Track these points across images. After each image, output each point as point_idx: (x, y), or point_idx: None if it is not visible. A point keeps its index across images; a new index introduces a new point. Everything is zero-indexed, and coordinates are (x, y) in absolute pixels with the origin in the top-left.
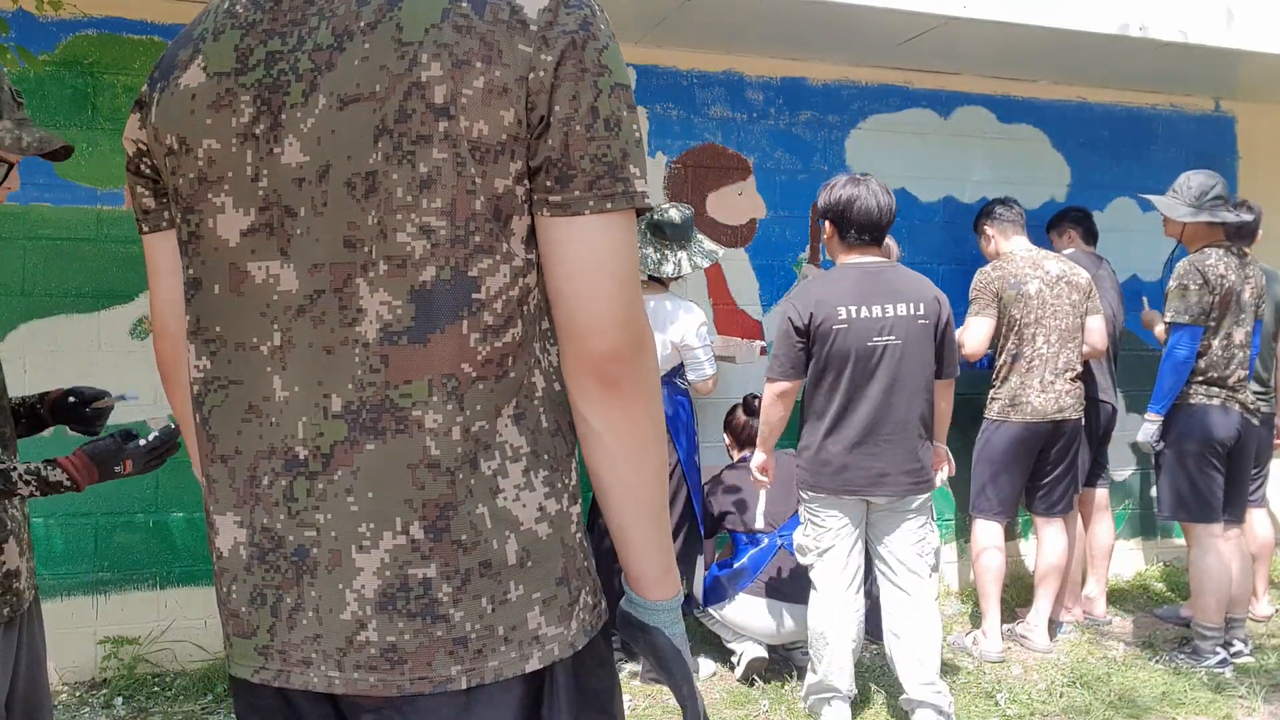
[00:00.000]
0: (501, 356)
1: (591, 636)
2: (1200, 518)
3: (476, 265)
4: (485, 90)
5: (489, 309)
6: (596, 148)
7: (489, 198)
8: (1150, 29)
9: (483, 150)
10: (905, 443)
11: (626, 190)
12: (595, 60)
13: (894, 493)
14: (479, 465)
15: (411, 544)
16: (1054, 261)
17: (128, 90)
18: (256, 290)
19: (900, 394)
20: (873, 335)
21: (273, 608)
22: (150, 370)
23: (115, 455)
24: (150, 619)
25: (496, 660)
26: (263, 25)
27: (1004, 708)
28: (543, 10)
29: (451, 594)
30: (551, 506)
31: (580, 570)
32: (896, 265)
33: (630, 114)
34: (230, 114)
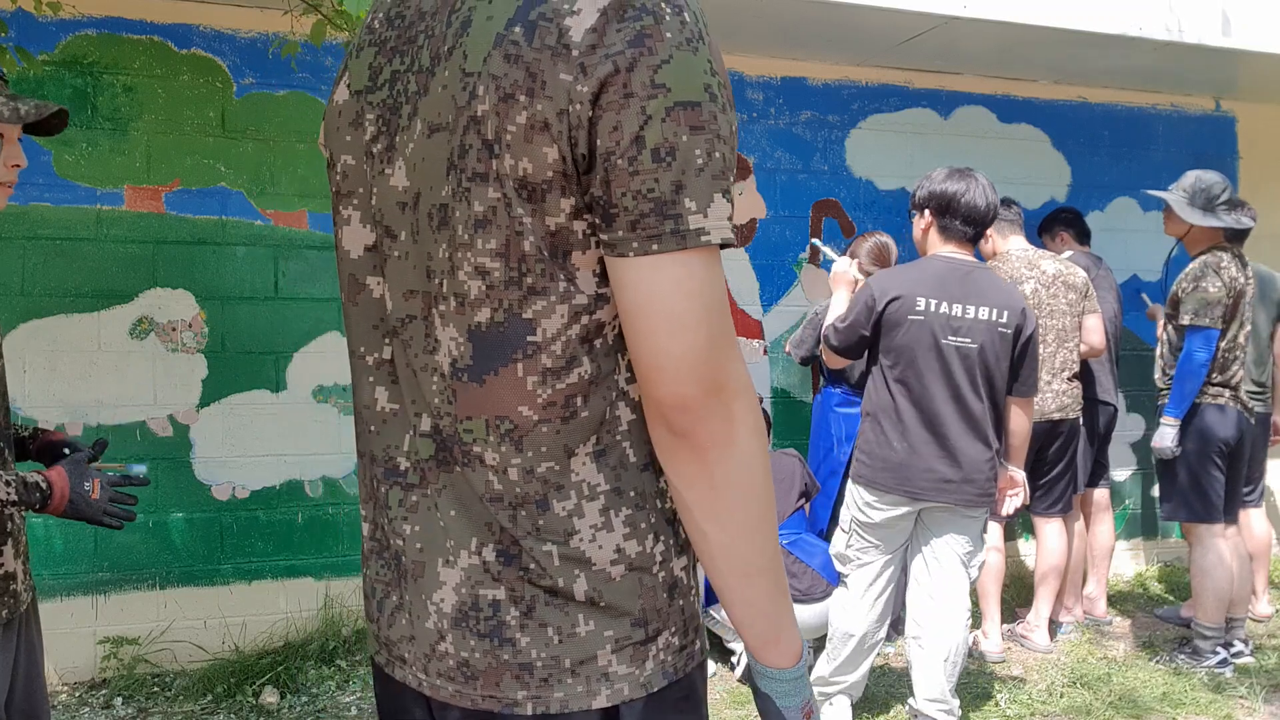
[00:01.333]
0: (567, 398)
1: (674, 679)
2: (1203, 518)
3: (531, 308)
4: (528, 126)
5: (546, 351)
6: (640, 183)
7: (542, 236)
8: (1150, 29)
9: (530, 188)
10: (973, 450)
11: (677, 229)
12: (647, 81)
13: (954, 501)
14: (550, 506)
15: (484, 565)
16: (1050, 261)
17: (127, 90)
18: (371, 304)
19: (970, 401)
20: (947, 334)
21: (379, 603)
22: (149, 371)
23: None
24: (150, 619)
25: (562, 692)
26: (390, 43)
27: (1004, 708)
28: (588, 31)
29: (518, 619)
30: (632, 548)
31: (663, 611)
32: (987, 268)
33: (693, 137)
34: (361, 132)
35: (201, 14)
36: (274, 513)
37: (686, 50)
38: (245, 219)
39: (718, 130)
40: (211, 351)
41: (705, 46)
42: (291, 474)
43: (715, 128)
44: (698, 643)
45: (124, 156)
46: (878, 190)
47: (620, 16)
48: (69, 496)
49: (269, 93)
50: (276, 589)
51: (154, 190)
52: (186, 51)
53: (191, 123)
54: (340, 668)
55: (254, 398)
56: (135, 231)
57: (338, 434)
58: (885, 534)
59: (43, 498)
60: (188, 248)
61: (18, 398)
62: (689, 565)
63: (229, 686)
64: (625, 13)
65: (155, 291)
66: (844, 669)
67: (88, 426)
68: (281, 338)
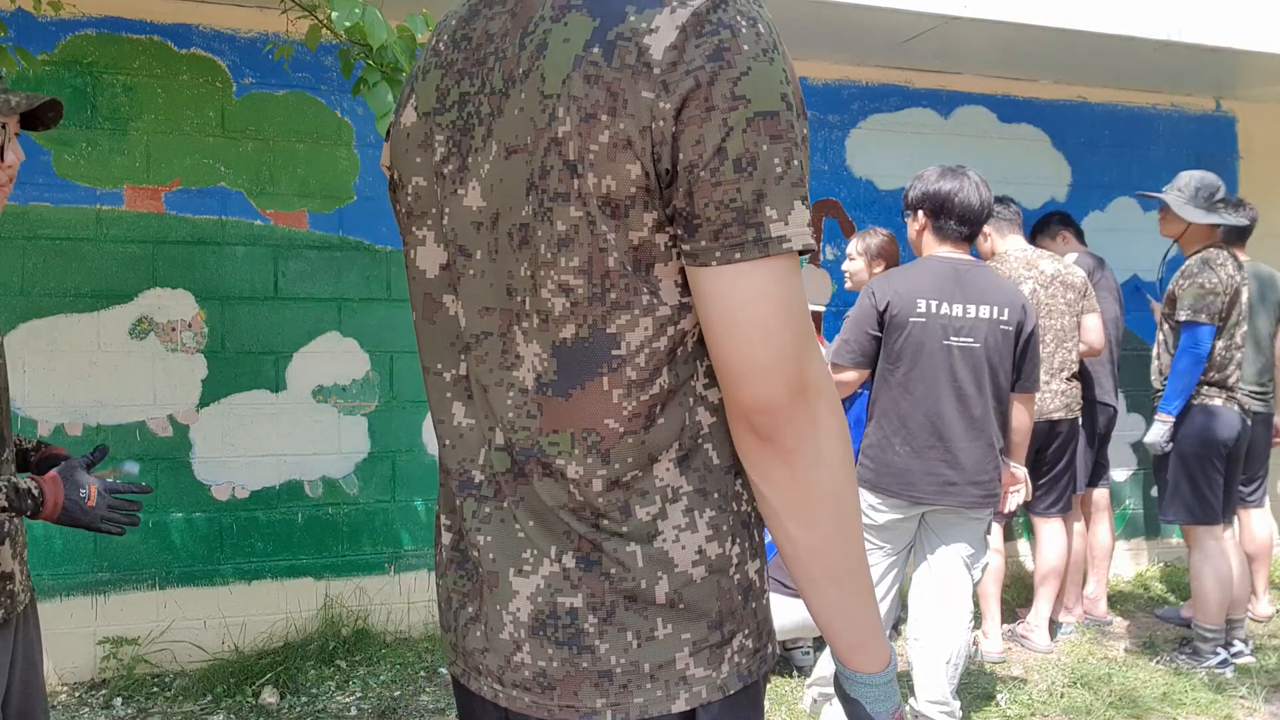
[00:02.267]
0: (649, 409)
1: (748, 681)
2: (1203, 519)
3: (615, 322)
4: (610, 144)
5: (631, 364)
6: (723, 193)
7: (625, 250)
8: (1150, 29)
9: (613, 205)
10: (977, 452)
11: (759, 237)
12: (727, 94)
13: (960, 503)
14: (633, 512)
15: (564, 573)
16: (1049, 261)
17: (127, 90)
18: (448, 322)
19: (974, 400)
20: (949, 334)
21: (456, 613)
22: (148, 371)
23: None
24: (150, 619)
25: (642, 697)
26: (458, 65)
27: (1004, 708)
28: (669, 48)
29: (597, 625)
30: (713, 550)
31: (738, 613)
32: (985, 266)
33: (773, 146)
34: (430, 153)
35: (201, 14)
36: (274, 513)
37: (763, 60)
38: (245, 219)
39: (794, 138)
40: (211, 351)
41: (780, 56)
42: (291, 474)
43: (792, 135)
44: (770, 646)
45: (124, 156)
46: (878, 190)
47: (699, 32)
48: (62, 503)
49: (269, 93)
50: (276, 589)
51: (154, 190)
52: (186, 51)
53: (191, 122)
54: (340, 668)
55: (254, 398)
56: (135, 231)
57: (337, 434)
58: (889, 535)
59: (34, 504)
60: (187, 247)
61: (17, 398)
62: (761, 569)
63: (229, 687)
64: (703, 28)
65: (155, 291)
66: None
67: (87, 426)
68: (281, 338)
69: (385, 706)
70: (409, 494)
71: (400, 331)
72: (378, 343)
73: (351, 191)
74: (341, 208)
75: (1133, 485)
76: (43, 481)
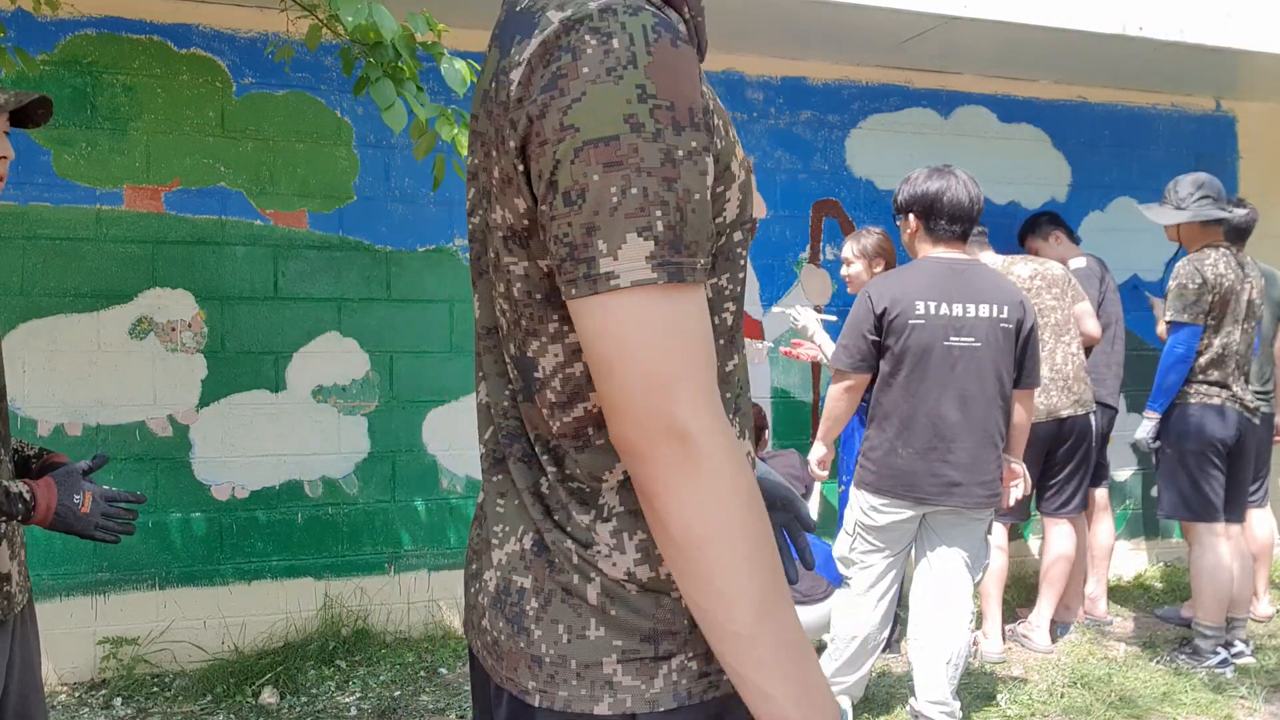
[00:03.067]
0: (580, 429)
1: (687, 702)
2: (1202, 517)
3: (530, 347)
4: (501, 180)
5: (549, 387)
6: (557, 228)
7: (537, 280)
8: (1150, 29)
9: (517, 236)
10: (980, 452)
11: (589, 274)
12: (557, 124)
13: (964, 503)
14: (572, 515)
15: (521, 552)
16: (1023, 264)
17: (127, 90)
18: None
19: (977, 400)
20: (950, 335)
21: (468, 565)
22: (148, 371)
23: (75, 482)
24: (150, 619)
25: (566, 692)
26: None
27: (1005, 708)
28: (518, 84)
29: (535, 610)
30: (643, 573)
31: (680, 634)
32: (981, 264)
33: (606, 175)
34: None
35: (201, 14)
36: (273, 513)
37: (606, 81)
38: (245, 219)
39: (638, 163)
40: (211, 351)
41: (637, 70)
42: (291, 474)
43: (635, 160)
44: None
45: (123, 156)
46: (878, 190)
47: (545, 62)
48: (55, 509)
49: (268, 93)
50: (276, 589)
51: (153, 190)
52: (186, 51)
53: (191, 122)
54: (340, 668)
55: (253, 398)
56: (135, 231)
57: (337, 434)
58: (890, 537)
59: (25, 509)
60: (187, 247)
61: (17, 398)
62: None
63: (228, 687)
64: (549, 56)
65: (155, 291)
66: (845, 670)
67: (87, 427)
68: (281, 338)
69: (385, 706)
70: (409, 494)
71: (400, 331)
72: (378, 343)
73: (351, 191)
74: (341, 208)
75: (1133, 485)
76: (35, 486)
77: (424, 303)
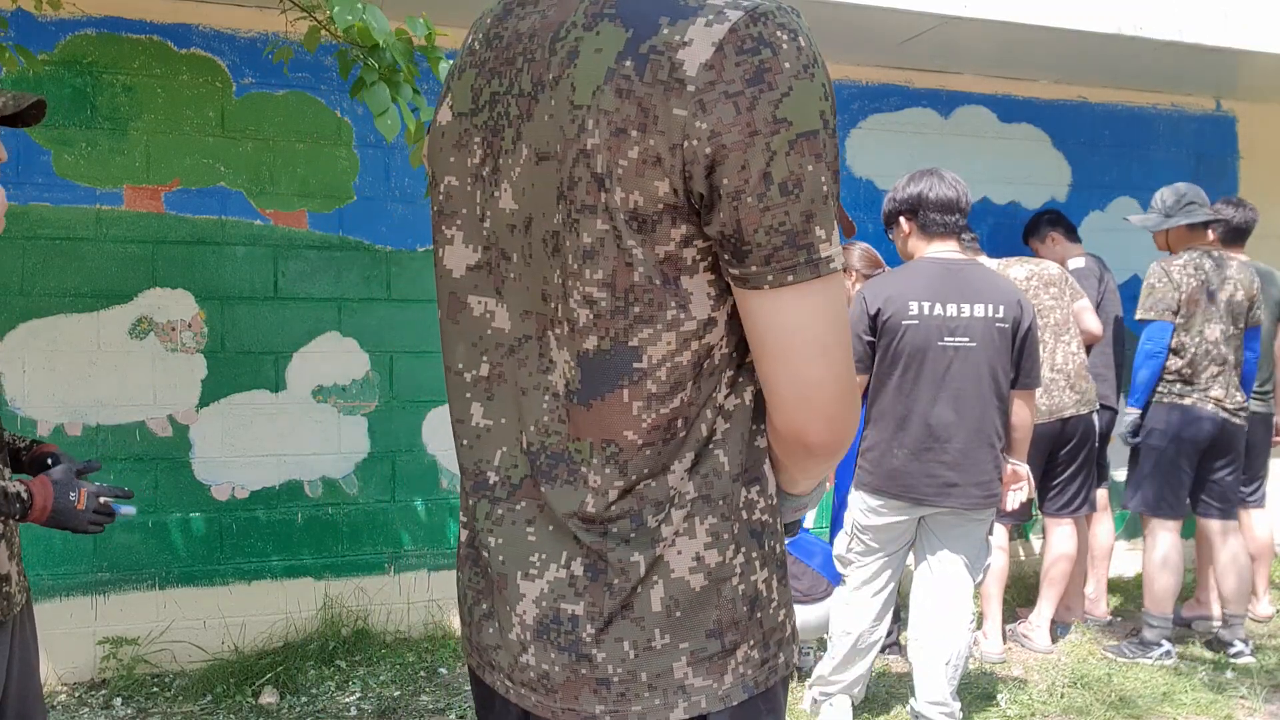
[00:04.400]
0: (669, 421)
1: (754, 692)
2: (1163, 514)
3: (637, 335)
4: (640, 160)
5: (652, 377)
6: (772, 218)
7: (653, 264)
8: (1150, 29)
9: (640, 220)
10: (977, 453)
11: (810, 259)
12: (769, 117)
13: (962, 504)
14: (644, 520)
15: (570, 579)
16: (1018, 266)
17: (127, 90)
18: (472, 322)
19: (972, 400)
20: (944, 335)
21: (470, 609)
22: (148, 371)
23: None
24: (150, 619)
25: (640, 706)
26: (489, 64)
27: (1005, 708)
28: (704, 66)
29: (594, 634)
30: (711, 557)
31: (742, 623)
32: (979, 264)
33: (817, 165)
34: (466, 154)
35: (201, 14)
36: (273, 513)
37: (804, 78)
38: (245, 219)
39: (830, 156)
40: (211, 351)
41: (820, 69)
42: (291, 474)
43: (829, 153)
44: (781, 656)
45: (123, 156)
46: (878, 190)
47: (739, 50)
48: (51, 507)
49: (268, 93)
50: (276, 589)
51: (153, 190)
52: (186, 51)
53: (191, 122)
54: (340, 668)
55: (253, 398)
56: (134, 231)
57: (337, 434)
58: (887, 538)
59: (23, 508)
60: (187, 247)
61: (17, 398)
62: (771, 579)
63: (229, 687)
64: (743, 45)
65: (155, 291)
66: (842, 667)
67: (87, 426)
68: (281, 338)
69: (385, 706)
70: (409, 494)
71: (400, 331)
72: (378, 343)
73: (351, 191)
74: (341, 208)
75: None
76: (32, 484)
77: (424, 303)
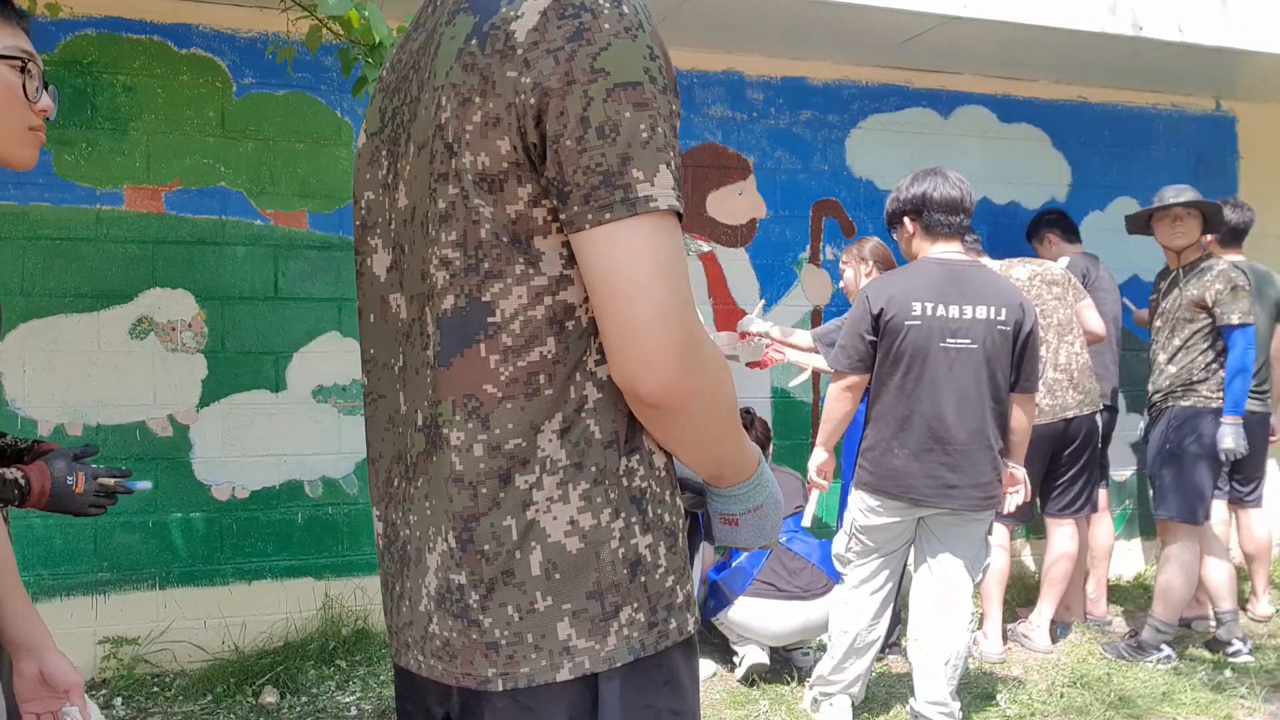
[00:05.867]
0: (529, 375)
1: (642, 654)
2: (1197, 519)
3: (489, 290)
4: (483, 123)
5: (506, 330)
6: (589, 159)
7: (503, 224)
8: (1150, 29)
9: (489, 180)
10: (977, 454)
11: (628, 197)
12: (587, 67)
13: (961, 506)
14: (512, 479)
15: (449, 550)
16: (1020, 266)
17: (127, 90)
18: (394, 318)
19: (973, 402)
20: (946, 336)
21: (390, 593)
22: (148, 371)
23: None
24: (150, 619)
25: (528, 667)
26: (391, 85)
27: (1004, 708)
28: (530, 31)
29: (480, 601)
30: (586, 521)
31: (623, 586)
32: (982, 266)
33: (637, 113)
34: (377, 169)
35: (201, 14)
36: (274, 513)
37: (625, 38)
38: (245, 219)
39: (659, 109)
40: (211, 351)
41: (646, 34)
42: (291, 474)
43: (656, 106)
44: (673, 622)
45: (124, 156)
46: (877, 190)
47: (560, 14)
48: (49, 490)
49: (269, 93)
50: (276, 589)
51: (154, 190)
52: (186, 51)
53: (191, 123)
54: (340, 668)
55: (254, 398)
56: (135, 231)
57: (337, 434)
58: (885, 537)
59: (21, 494)
60: (187, 248)
61: (18, 398)
62: (658, 545)
63: (229, 686)
64: (565, 10)
65: (155, 291)
66: (841, 666)
67: (87, 426)
68: (281, 338)
69: (385, 706)
70: None
71: None
72: None
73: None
74: (341, 208)
75: (1132, 485)
76: (28, 469)
77: None
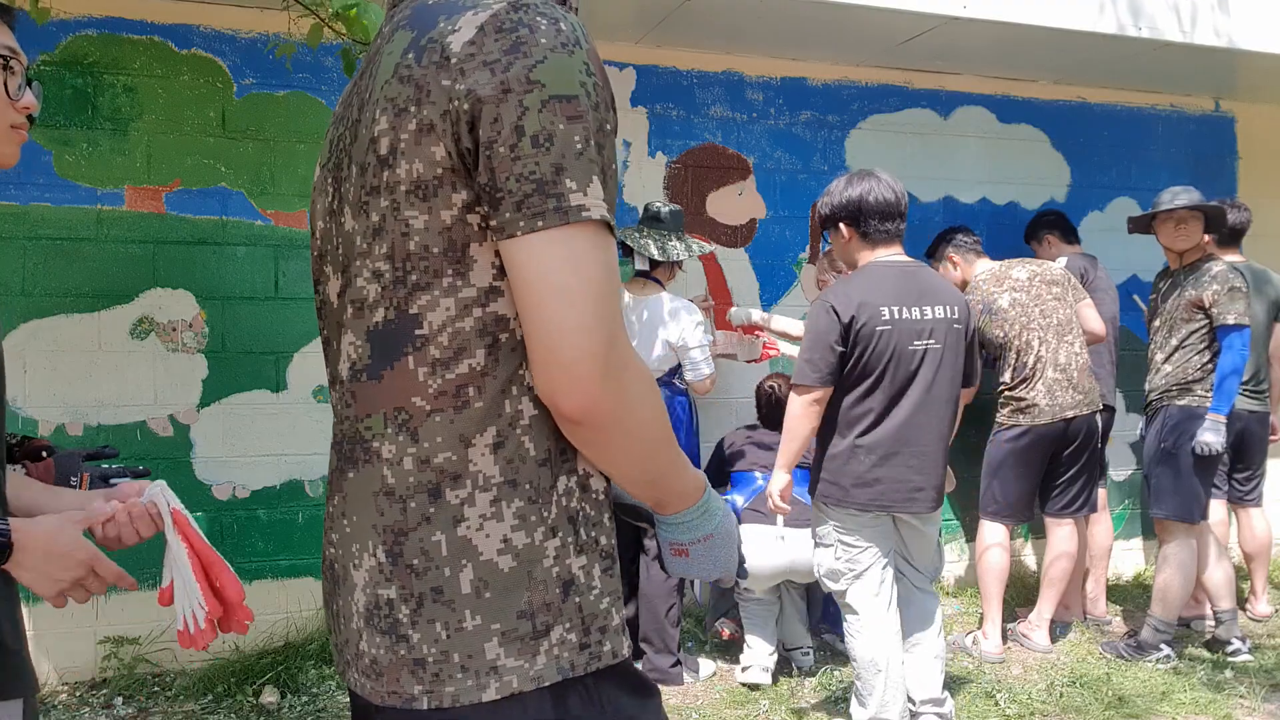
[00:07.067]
0: (458, 388)
1: (570, 675)
2: (1194, 518)
3: (416, 303)
4: (417, 130)
5: (434, 343)
6: (522, 167)
7: (435, 232)
8: (1150, 29)
9: (422, 188)
10: (937, 454)
11: (560, 206)
12: (523, 78)
13: (925, 508)
14: (443, 494)
15: (378, 565)
16: (1020, 267)
17: (127, 90)
18: None
19: (935, 402)
20: (914, 339)
21: (330, 611)
22: (149, 371)
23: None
24: (150, 619)
25: (454, 686)
26: (338, 115)
27: (1004, 707)
28: (466, 44)
29: (409, 616)
30: (519, 539)
31: (555, 606)
32: (926, 267)
33: (570, 125)
34: (325, 197)
35: (201, 14)
36: (274, 512)
37: (562, 53)
38: (245, 219)
39: (591, 124)
40: (212, 351)
41: (583, 51)
42: (291, 474)
43: (590, 120)
44: (606, 644)
45: (124, 156)
46: None
47: (498, 29)
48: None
49: (269, 93)
50: (277, 589)
51: (154, 190)
52: (187, 52)
53: (192, 123)
54: None
55: (254, 398)
56: (135, 231)
57: None
58: (872, 534)
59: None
60: (188, 248)
61: (19, 398)
62: (592, 567)
63: (229, 686)
64: (502, 25)
65: (155, 291)
66: (886, 701)
67: (88, 426)
68: (282, 338)
69: None
70: None
71: None
72: None
73: None
74: None
75: (1132, 485)
76: (34, 468)
77: None
